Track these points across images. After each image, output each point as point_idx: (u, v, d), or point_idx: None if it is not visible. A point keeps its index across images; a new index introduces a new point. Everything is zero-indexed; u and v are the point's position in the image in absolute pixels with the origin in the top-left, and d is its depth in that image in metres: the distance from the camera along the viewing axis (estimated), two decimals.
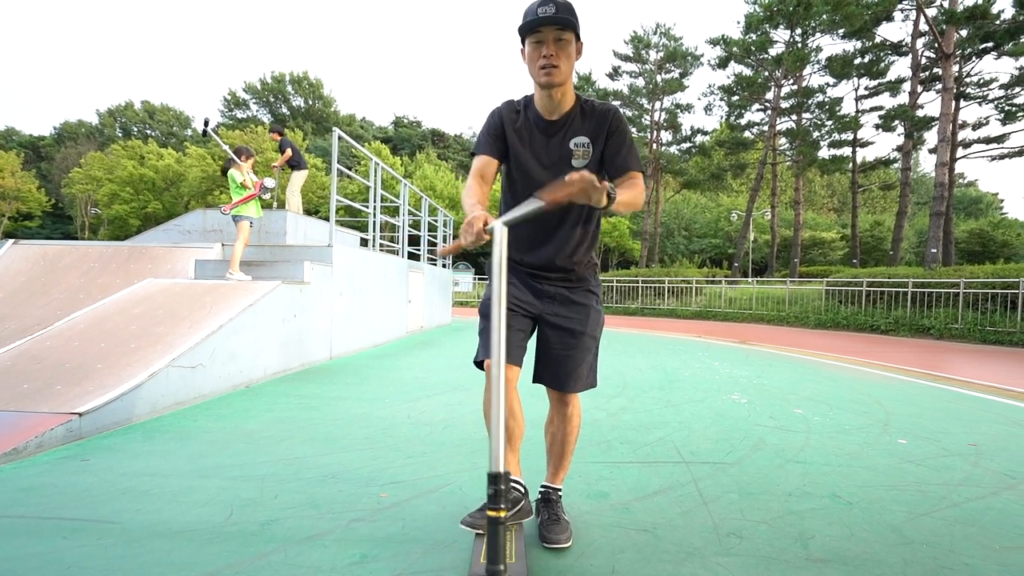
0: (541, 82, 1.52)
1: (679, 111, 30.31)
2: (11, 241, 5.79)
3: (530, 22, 1.46)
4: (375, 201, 7.11)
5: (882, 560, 1.54)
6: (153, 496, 1.90)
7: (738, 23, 32.42)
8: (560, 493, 1.75)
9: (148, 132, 55.06)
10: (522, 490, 1.69)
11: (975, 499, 2.03)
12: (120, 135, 53.65)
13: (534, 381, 1.73)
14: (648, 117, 30.90)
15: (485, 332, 1.63)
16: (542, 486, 1.77)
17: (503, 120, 1.64)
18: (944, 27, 16.93)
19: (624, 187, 1.53)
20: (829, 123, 26.38)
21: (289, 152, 7.82)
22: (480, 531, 1.57)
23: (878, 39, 23.31)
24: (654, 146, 30.66)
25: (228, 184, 5.48)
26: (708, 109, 29.61)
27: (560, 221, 1.63)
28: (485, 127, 1.67)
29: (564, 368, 1.65)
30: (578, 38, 1.52)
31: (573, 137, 1.59)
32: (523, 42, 1.52)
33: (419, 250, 9.90)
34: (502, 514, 1.19)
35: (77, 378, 2.94)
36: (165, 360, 3.15)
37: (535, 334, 1.72)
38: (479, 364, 1.62)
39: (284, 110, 56.61)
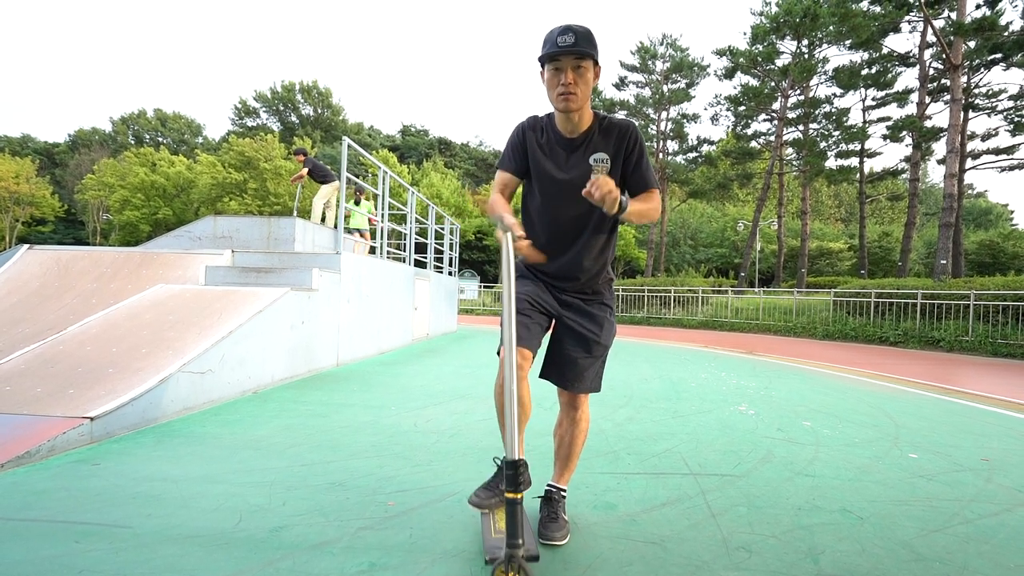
0: (559, 107, 1.60)
1: (685, 121, 30.37)
2: (25, 246, 5.88)
3: (550, 52, 1.54)
4: (383, 209, 7.17)
5: None
6: (163, 501, 1.91)
7: (744, 34, 32.55)
8: (564, 494, 1.81)
9: (160, 139, 55.85)
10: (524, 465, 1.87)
11: (988, 516, 2.00)
12: (132, 142, 54.39)
13: (540, 376, 1.78)
14: (654, 127, 30.95)
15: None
16: (548, 485, 1.83)
17: (526, 136, 1.72)
18: (952, 38, 16.89)
19: (639, 199, 1.61)
20: (836, 133, 26.32)
21: (305, 171, 9.06)
22: (487, 510, 1.73)
23: (885, 50, 23.35)
24: (660, 156, 30.69)
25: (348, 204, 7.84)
26: (714, 119, 29.52)
27: (577, 234, 1.70)
28: (509, 143, 1.77)
29: (573, 370, 1.72)
30: (596, 63, 1.58)
31: (593, 153, 1.66)
32: (543, 66, 1.60)
33: (426, 258, 9.95)
34: (519, 495, 1.33)
35: (89, 382, 2.97)
36: (175, 365, 3.18)
37: (550, 332, 1.79)
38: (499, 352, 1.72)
39: (294, 118, 57.27)
